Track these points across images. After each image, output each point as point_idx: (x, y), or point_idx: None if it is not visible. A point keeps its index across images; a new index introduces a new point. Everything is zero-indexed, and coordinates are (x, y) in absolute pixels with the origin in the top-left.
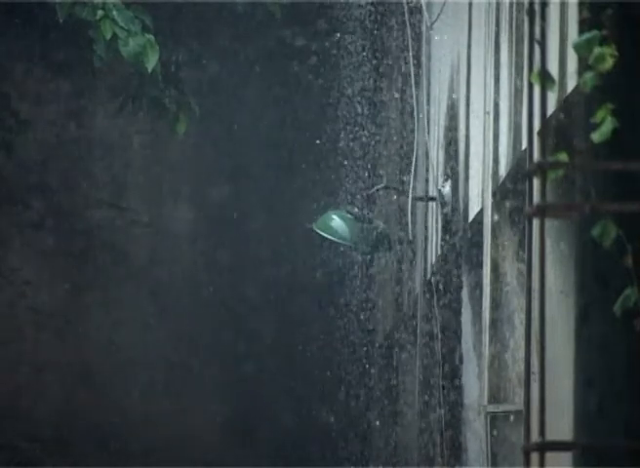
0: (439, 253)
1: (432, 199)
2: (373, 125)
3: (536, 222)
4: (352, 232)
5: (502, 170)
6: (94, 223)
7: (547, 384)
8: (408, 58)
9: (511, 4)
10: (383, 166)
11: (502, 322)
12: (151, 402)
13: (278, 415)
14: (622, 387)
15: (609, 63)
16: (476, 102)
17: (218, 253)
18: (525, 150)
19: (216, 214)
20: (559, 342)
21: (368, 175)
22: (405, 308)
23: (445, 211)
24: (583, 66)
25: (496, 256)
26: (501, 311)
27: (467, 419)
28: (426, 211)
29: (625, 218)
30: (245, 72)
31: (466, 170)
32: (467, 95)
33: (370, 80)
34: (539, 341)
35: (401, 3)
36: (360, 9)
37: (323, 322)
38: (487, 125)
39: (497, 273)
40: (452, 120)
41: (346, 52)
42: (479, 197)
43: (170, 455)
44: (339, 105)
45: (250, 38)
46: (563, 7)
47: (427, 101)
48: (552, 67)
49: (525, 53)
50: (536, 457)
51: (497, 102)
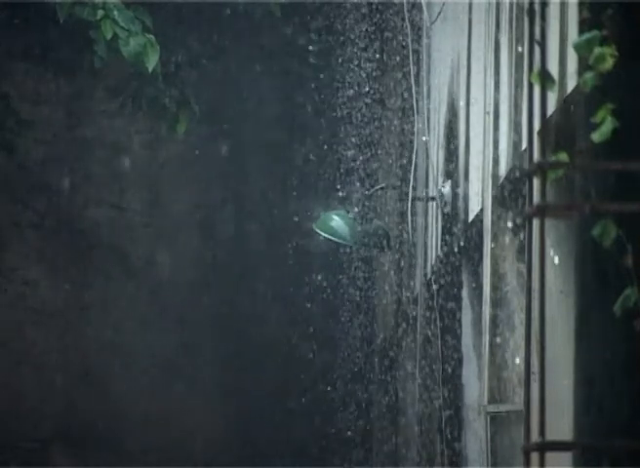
0: (439, 253)
1: (432, 199)
2: (373, 124)
3: (536, 222)
4: (352, 232)
5: (502, 170)
6: (94, 223)
7: (547, 384)
8: (408, 57)
9: (511, 4)
10: (383, 166)
11: (502, 322)
12: (151, 402)
13: (278, 415)
14: (622, 387)
15: (609, 63)
16: (476, 102)
17: (217, 253)
18: (525, 150)
19: (215, 213)
20: (559, 342)
21: (368, 174)
22: (405, 308)
23: (445, 211)
24: (583, 66)
25: (496, 256)
26: (501, 311)
27: (467, 419)
28: (426, 211)
29: (625, 218)
30: (245, 72)
31: (466, 170)
32: (467, 95)
33: (370, 80)
34: (539, 341)
35: (401, 3)
36: (360, 8)
37: (323, 321)
38: (487, 125)
39: (497, 273)
40: (452, 120)
41: (346, 51)
42: (479, 197)
43: (170, 455)
44: (339, 105)
45: (250, 38)
46: (563, 7)
47: (427, 101)
48: (552, 67)
49: (525, 53)
50: (536, 457)
51: (497, 102)
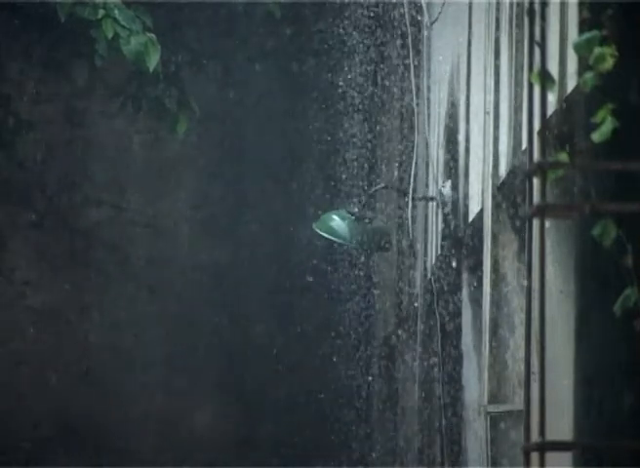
0: (439, 253)
1: (432, 199)
2: (373, 125)
3: (536, 222)
4: (352, 232)
5: (502, 170)
6: (94, 223)
7: (547, 384)
8: (408, 57)
9: (511, 4)
10: (384, 166)
11: (502, 322)
12: (151, 402)
13: (278, 415)
14: (622, 387)
15: (609, 63)
16: (476, 102)
17: (218, 253)
18: (525, 150)
19: (216, 214)
20: (559, 342)
21: (368, 174)
22: (405, 308)
23: (445, 211)
24: (583, 66)
25: (496, 256)
26: (501, 311)
27: (467, 419)
28: (426, 211)
29: (625, 218)
30: (245, 72)
31: (466, 170)
32: (467, 95)
33: (370, 80)
34: (539, 341)
35: (401, 3)
36: (360, 9)
37: (323, 321)
38: (487, 125)
39: (497, 273)
40: (452, 120)
41: (346, 52)
42: (479, 197)
43: (170, 455)
44: (339, 105)
45: (250, 38)
46: (563, 7)
47: (427, 101)
48: (552, 67)
49: (525, 53)
50: (536, 457)
51: (497, 102)
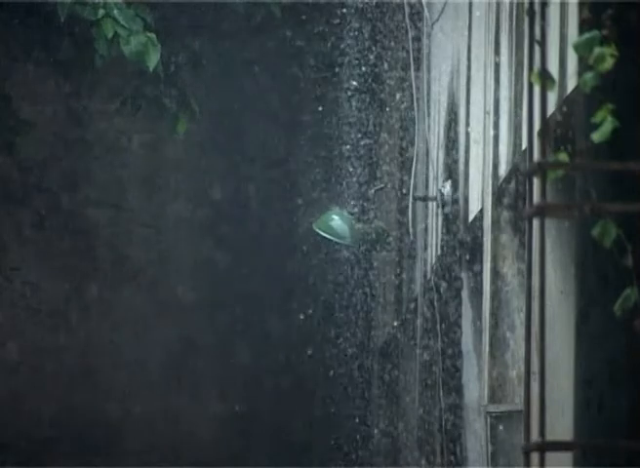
0: (439, 253)
1: (432, 199)
2: (373, 125)
3: (536, 222)
4: (352, 232)
5: (502, 170)
6: (94, 223)
7: (547, 384)
8: (408, 57)
9: (511, 4)
10: (384, 166)
11: (502, 322)
12: (151, 402)
13: (278, 415)
14: (622, 387)
15: (609, 63)
16: (476, 102)
17: (218, 253)
18: (525, 150)
19: (216, 213)
20: (559, 342)
21: (368, 174)
22: (405, 308)
23: (445, 211)
24: (583, 66)
25: (496, 256)
26: (501, 311)
27: (467, 419)
28: (426, 211)
29: (625, 218)
30: (245, 72)
31: (466, 170)
32: (467, 95)
33: (370, 80)
34: (539, 341)
35: (402, 3)
36: (361, 9)
37: (323, 322)
38: (487, 125)
39: (497, 273)
40: (452, 120)
41: (346, 52)
42: (479, 197)
43: (169, 455)
44: (339, 105)
45: (250, 38)
46: (563, 7)
47: (427, 101)
48: (552, 67)
49: (525, 53)
50: (536, 457)
51: (497, 102)
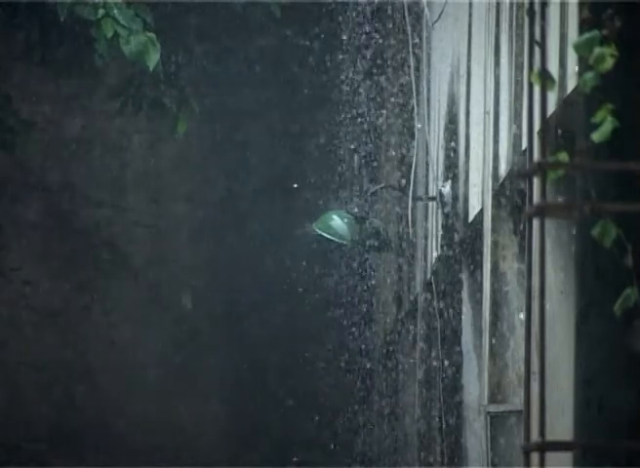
0: (439, 253)
1: (432, 199)
2: (373, 125)
3: (536, 222)
4: (352, 232)
5: (502, 170)
6: (94, 223)
7: (547, 384)
8: (408, 57)
9: (511, 4)
10: (384, 166)
11: (502, 322)
12: (151, 402)
13: (278, 415)
14: (622, 387)
15: (609, 63)
16: (476, 102)
17: (218, 253)
18: (525, 150)
19: (216, 213)
20: (559, 342)
21: (368, 174)
22: (405, 308)
23: (445, 211)
24: (583, 66)
25: (496, 256)
26: (501, 311)
27: (467, 419)
28: (426, 211)
29: (625, 218)
30: (245, 72)
31: (466, 170)
32: (467, 95)
33: (370, 80)
34: (539, 341)
35: (402, 3)
36: (361, 9)
37: (323, 322)
38: (487, 125)
39: (497, 273)
40: (452, 120)
41: (347, 52)
42: (479, 197)
43: (169, 455)
44: (339, 105)
45: (250, 38)
46: (563, 7)
47: (428, 101)
48: (552, 67)
49: (525, 53)
50: (536, 457)
51: (497, 102)
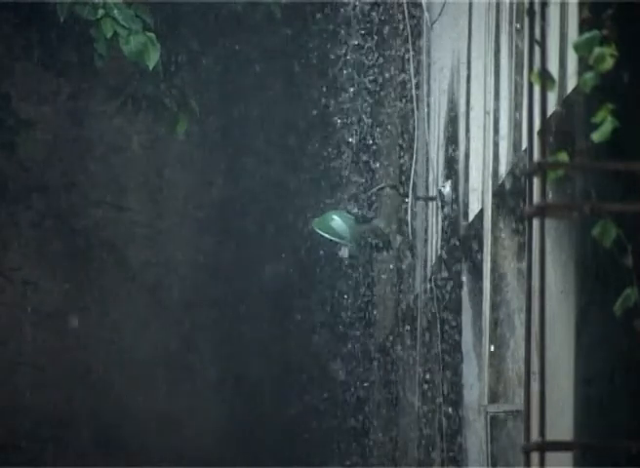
0: (439, 253)
1: (432, 199)
2: (373, 125)
3: (536, 222)
4: (352, 232)
5: (502, 170)
6: (94, 223)
7: (547, 384)
8: (408, 57)
9: (511, 4)
10: (384, 166)
11: (502, 322)
12: (151, 401)
13: (278, 415)
14: (622, 387)
15: (609, 63)
16: (476, 102)
17: (218, 252)
18: (525, 150)
19: (216, 214)
20: (559, 342)
21: (368, 174)
22: (405, 308)
23: (445, 211)
24: (583, 66)
25: (496, 256)
26: (501, 311)
27: (467, 419)
28: (426, 211)
29: (625, 218)
30: (245, 72)
31: (466, 170)
32: (467, 95)
33: (370, 80)
34: (539, 341)
35: (402, 3)
36: (361, 9)
37: (323, 322)
38: (487, 125)
39: (497, 273)
40: (452, 120)
41: (347, 52)
42: (479, 197)
43: (170, 455)
44: (339, 105)
45: (250, 38)
46: (563, 7)
47: (427, 101)
48: (552, 67)
49: (525, 53)
50: (536, 457)
51: (497, 102)
